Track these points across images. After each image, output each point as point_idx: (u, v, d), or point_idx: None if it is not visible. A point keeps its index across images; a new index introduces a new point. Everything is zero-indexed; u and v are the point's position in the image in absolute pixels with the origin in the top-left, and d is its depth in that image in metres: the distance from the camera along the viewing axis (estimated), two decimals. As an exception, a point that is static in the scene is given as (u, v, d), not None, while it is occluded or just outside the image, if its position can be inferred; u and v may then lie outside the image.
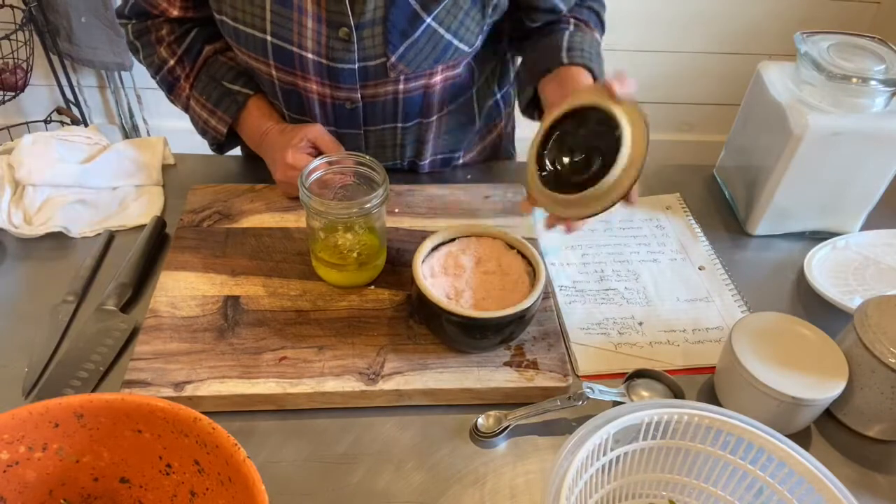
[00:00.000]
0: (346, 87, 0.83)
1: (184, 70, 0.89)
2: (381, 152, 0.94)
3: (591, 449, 0.52)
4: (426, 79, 0.85)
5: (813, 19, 2.12)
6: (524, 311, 0.67)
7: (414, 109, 0.89)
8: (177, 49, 0.88)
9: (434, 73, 0.85)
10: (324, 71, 0.81)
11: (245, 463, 0.48)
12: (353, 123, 0.88)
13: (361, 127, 0.89)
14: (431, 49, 0.81)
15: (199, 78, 0.89)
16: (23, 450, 0.51)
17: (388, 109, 0.88)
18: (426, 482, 0.63)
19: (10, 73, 1.81)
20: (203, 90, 0.89)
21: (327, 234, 0.75)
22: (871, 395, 0.66)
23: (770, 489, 0.55)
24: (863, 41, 0.86)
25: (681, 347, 0.76)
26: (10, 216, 0.84)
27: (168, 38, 0.88)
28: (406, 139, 0.93)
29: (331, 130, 0.88)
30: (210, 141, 0.94)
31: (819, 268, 0.86)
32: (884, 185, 0.88)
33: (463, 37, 0.82)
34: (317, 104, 0.86)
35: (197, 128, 0.92)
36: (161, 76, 0.90)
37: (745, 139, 0.96)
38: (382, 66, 0.81)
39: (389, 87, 0.84)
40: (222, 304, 0.74)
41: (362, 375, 0.68)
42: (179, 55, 0.88)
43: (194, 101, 0.90)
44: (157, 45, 0.88)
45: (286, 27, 0.78)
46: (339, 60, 0.80)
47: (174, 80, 0.90)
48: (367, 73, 0.82)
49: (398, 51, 0.79)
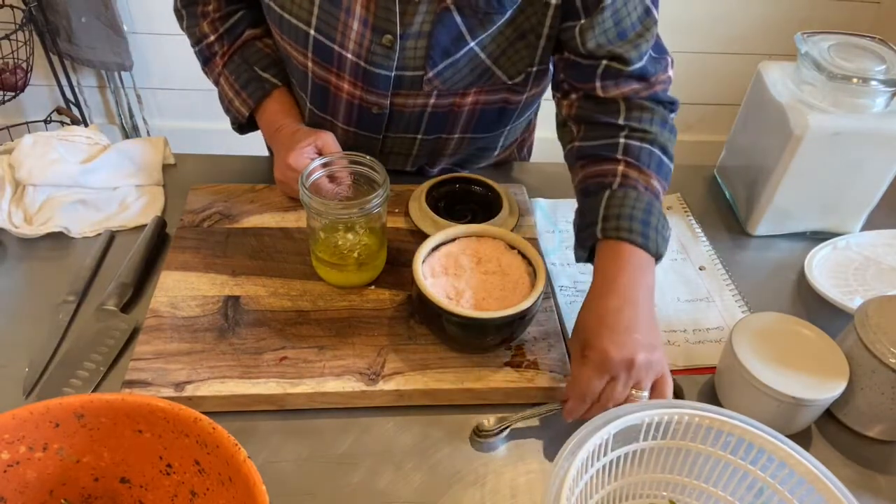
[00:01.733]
0: (378, 93, 0.83)
1: (221, 48, 0.90)
2: (392, 158, 0.94)
3: (592, 449, 0.52)
4: (458, 98, 0.85)
5: (813, 19, 2.12)
6: (525, 311, 0.67)
7: (438, 125, 0.89)
8: (219, 27, 0.89)
9: (467, 94, 0.84)
10: (360, 73, 0.81)
11: (245, 463, 0.48)
12: (375, 128, 0.88)
13: (382, 132, 0.89)
14: (469, 71, 0.80)
15: (233, 58, 0.90)
16: (23, 450, 0.51)
17: (413, 120, 0.88)
18: (426, 482, 0.63)
19: (10, 73, 1.81)
20: (234, 70, 0.89)
21: (327, 234, 0.75)
22: (872, 395, 0.66)
23: (770, 489, 0.55)
24: (863, 41, 0.86)
25: (681, 347, 0.76)
26: (10, 216, 0.84)
27: (213, 15, 0.89)
28: (422, 150, 0.93)
29: (350, 131, 0.89)
30: (231, 120, 0.94)
31: (819, 268, 0.86)
32: (884, 185, 0.88)
33: (503, 66, 0.81)
34: (343, 103, 0.86)
35: (223, 104, 0.93)
36: (199, 48, 0.92)
37: (745, 139, 0.96)
38: (419, 78, 0.81)
39: (420, 100, 0.84)
40: (223, 305, 0.74)
41: (363, 375, 0.68)
42: (221, 33, 0.89)
43: (224, 78, 0.91)
44: (201, 19, 0.89)
45: (331, 25, 0.78)
46: (377, 66, 0.80)
47: (211, 55, 0.91)
48: (401, 82, 0.82)
49: (437, 67, 0.79)
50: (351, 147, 0.90)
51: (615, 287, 0.65)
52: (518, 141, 1.06)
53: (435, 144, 0.92)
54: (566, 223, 0.92)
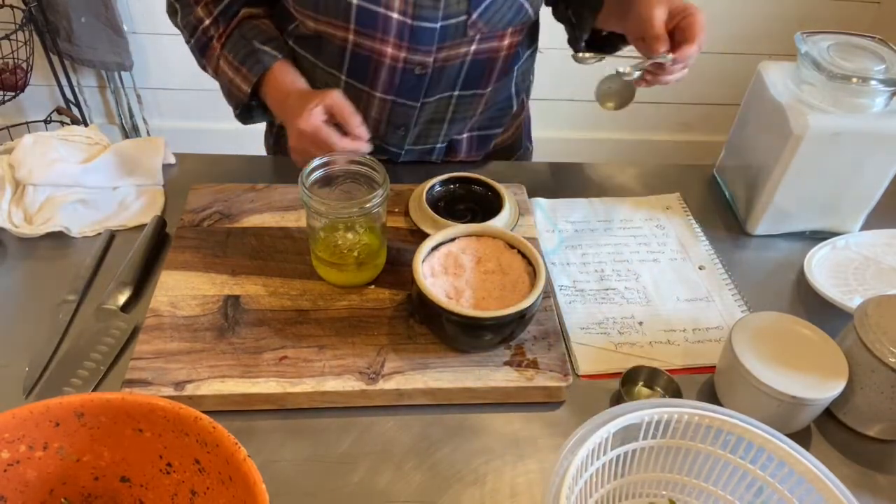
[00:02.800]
0: (423, 50, 0.85)
1: (217, 30, 0.89)
2: (426, 130, 0.96)
3: (592, 448, 0.52)
4: (497, 41, 0.89)
5: (813, 19, 2.12)
6: (524, 310, 0.67)
7: (476, 76, 0.91)
8: (213, 9, 0.88)
9: (504, 36, 0.89)
10: (405, 31, 0.83)
11: (245, 462, 0.48)
12: (414, 93, 0.90)
13: (420, 98, 0.91)
14: (508, 9, 0.85)
15: (231, 37, 0.89)
16: (23, 449, 0.51)
17: (452, 75, 0.90)
18: (426, 482, 0.63)
19: (10, 73, 1.81)
20: (232, 48, 0.88)
21: (327, 233, 0.75)
22: (871, 394, 0.66)
23: (770, 489, 0.55)
24: (863, 41, 0.86)
25: (681, 347, 0.77)
26: (10, 216, 0.84)
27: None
28: (456, 113, 0.95)
29: (388, 101, 0.90)
30: (234, 105, 0.91)
31: (819, 268, 0.86)
32: (884, 185, 0.88)
33: (532, 1, 0.87)
34: (385, 70, 0.87)
35: (224, 91, 0.91)
36: (196, 38, 0.90)
37: (745, 139, 0.96)
38: (462, 24, 0.84)
39: (462, 50, 0.87)
40: (223, 304, 0.74)
41: (362, 375, 0.68)
42: (216, 15, 0.88)
43: (223, 60, 0.89)
44: (195, 6, 0.89)
45: None
46: (423, 19, 0.82)
47: (207, 39, 0.89)
48: (445, 33, 0.84)
49: (479, 8, 0.83)
50: (387, 120, 0.94)
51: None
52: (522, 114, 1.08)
53: (469, 102, 0.94)
54: (566, 223, 0.92)
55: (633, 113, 2.30)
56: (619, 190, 1.00)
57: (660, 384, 0.71)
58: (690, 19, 0.80)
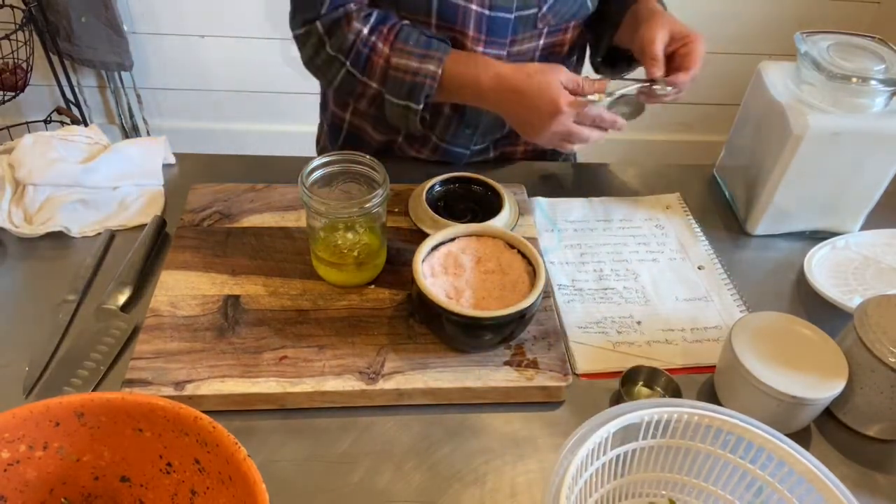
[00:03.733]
0: (498, 42, 0.89)
1: (381, 35, 0.85)
2: (492, 126, 0.98)
3: (592, 448, 0.52)
4: (562, 34, 0.94)
5: (813, 19, 2.12)
6: (524, 310, 0.67)
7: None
8: (370, 19, 0.85)
9: (568, 30, 0.94)
10: (483, 22, 0.87)
11: (245, 462, 0.48)
12: None
13: None
14: (573, 3, 0.90)
15: (401, 32, 0.85)
16: (23, 448, 0.51)
17: None
18: (426, 482, 0.63)
19: (10, 73, 1.81)
20: (408, 37, 0.84)
21: (327, 233, 0.75)
22: (871, 394, 0.66)
23: (770, 488, 0.55)
24: (863, 41, 0.86)
25: (679, 347, 0.77)
26: (10, 216, 0.84)
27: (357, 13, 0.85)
28: None
29: None
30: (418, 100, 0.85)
31: (819, 267, 0.87)
32: (884, 184, 0.88)
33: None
34: None
35: (401, 93, 0.85)
36: (355, 52, 0.85)
37: (745, 139, 0.96)
38: (533, 17, 0.88)
39: (531, 44, 0.92)
40: (223, 304, 0.74)
41: (362, 375, 0.68)
42: (373, 24, 0.85)
43: (397, 56, 0.84)
44: (345, 23, 0.84)
45: None
46: (499, 9, 0.86)
47: (370, 50, 0.85)
48: (518, 25, 0.88)
49: (549, 1, 0.88)
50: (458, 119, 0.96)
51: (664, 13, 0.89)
52: None
53: None
54: (566, 223, 0.92)
55: (633, 113, 2.31)
56: (619, 190, 1.00)
57: (659, 384, 0.71)
58: (690, 47, 0.84)
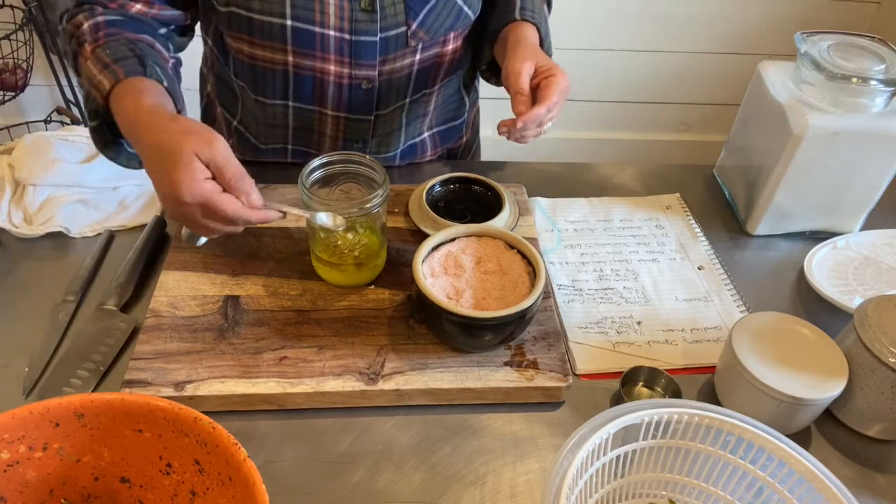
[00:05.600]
0: (366, 64, 0.84)
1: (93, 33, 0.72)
2: (385, 140, 0.95)
3: (592, 448, 0.52)
4: (440, 47, 0.88)
5: (813, 19, 2.12)
6: (524, 310, 0.67)
7: (423, 81, 0.91)
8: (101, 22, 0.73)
9: (447, 42, 0.89)
10: (345, 48, 0.82)
11: (245, 462, 0.48)
12: (366, 108, 0.89)
13: (373, 112, 0.90)
14: (447, 15, 0.84)
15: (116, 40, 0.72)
16: (23, 449, 0.51)
17: (402, 86, 0.89)
18: (426, 482, 0.63)
19: (10, 73, 1.81)
20: (110, 48, 0.71)
21: (327, 233, 0.75)
22: (872, 394, 0.66)
23: (770, 489, 0.55)
24: (863, 41, 0.86)
25: (679, 347, 0.77)
26: (10, 216, 0.84)
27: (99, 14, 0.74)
28: (411, 115, 0.95)
29: (341, 118, 0.90)
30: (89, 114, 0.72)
31: (819, 268, 0.86)
32: (884, 185, 0.88)
33: (472, 4, 0.86)
34: (332, 87, 0.86)
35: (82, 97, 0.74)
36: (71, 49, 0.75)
37: (745, 139, 0.96)
38: (403, 35, 0.83)
39: (406, 61, 0.87)
40: (222, 304, 0.74)
41: (362, 375, 0.68)
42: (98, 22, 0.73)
43: (92, 60, 0.70)
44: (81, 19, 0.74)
45: (307, 8, 0.78)
46: (362, 33, 0.81)
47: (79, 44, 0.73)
48: (387, 45, 0.83)
49: (419, 17, 0.82)
50: (343, 136, 0.92)
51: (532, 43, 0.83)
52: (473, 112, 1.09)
53: (420, 102, 0.94)
54: (566, 223, 0.92)
55: (634, 113, 2.31)
56: (619, 190, 1.00)
57: (660, 384, 0.71)
58: (550, 80, 0.76)
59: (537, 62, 0.78)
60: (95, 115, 0.71)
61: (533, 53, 0.79)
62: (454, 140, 1.06)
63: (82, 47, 0.72)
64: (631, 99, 2.27)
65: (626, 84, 2.23)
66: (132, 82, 0.67)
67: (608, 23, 2.07)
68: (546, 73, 0.77)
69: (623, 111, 2.30)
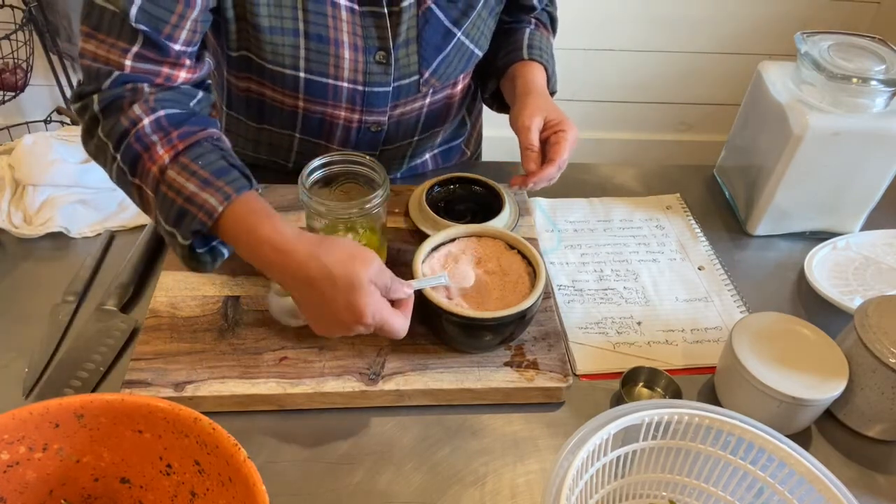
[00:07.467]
0: (378, 111, 0.84)
1: (166, 137, 0.63)
2: (388, 165, 0.95)
3: (592, 449, 0.52)
4: (450, 89, 0.89)
5: (813, 19, 2.12)
6: (524, 311, 0.67)
7: (433, 120, 0.91)
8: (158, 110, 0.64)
9: (457, 83, 0.89)
10: (358, 98, 0.82)
11: (245, 463, 0.48)
12: (373, 145, 0.89)
13: (379, 147, 0.90)
14: (459, 60, 0.84)
15: (200, 145, 0.64)
16: (23, 450, 0.51)
17: (410, 126, 0.89)
18: (426, 482, 0.63)
19: (10, 73, 1.81)
20: (201, 156, 0.63)
21: (327, 234, 0.75)
22: (872, 395, 0.66)
23: (770, 489, 0.55)
24: (863, 41, 0.86)
25: (679, 347, 0.76)
26: (10, 216, 0.84)
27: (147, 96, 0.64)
28: (416, 149, 0.95)
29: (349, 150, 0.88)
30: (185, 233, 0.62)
31: (819, 268, 0.86)
32: (884, 185, 0.88)
33: (481, 44, 0.86)
34: (340, 128, 0.86)
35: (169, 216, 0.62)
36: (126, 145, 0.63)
37: (745, 139, 0.96)
38: (415, 83, 0.83)
39: (417, 104, 0.87)
40: (222, 305, 0.74)
41: (362, 376, 0.68)
42: (162, 117, 0.64)
43: (176, 171, 0.62)
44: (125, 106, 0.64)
45: (322, 62, 0.77)
46: (376, 84, 0.81)
47: (144, 148, 0.63)
48: (399, 92, 0.83)
49: (431, 66, 0.82)
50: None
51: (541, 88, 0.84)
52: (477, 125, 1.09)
53: (429, 138, 0.95)
54: (566, 223, 0.92)
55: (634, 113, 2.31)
56: (619, 190, 1.00)
57: (660, 385, 0.71)
58: (560, 136, 0.76)
59: (546, 115, 0.78)
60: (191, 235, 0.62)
61: (543, 105, 0.79)
62: (456, 158, 1.06)
63: (150, 151, 0.63)
64: (631, 99, 2.27)
65: (626, 84, 2.23)
66: (244, 202, 0.62)
67: (608, 23, 2.07)
68: (556, 128, 0.77)
69: (623, 111, 2.30)
